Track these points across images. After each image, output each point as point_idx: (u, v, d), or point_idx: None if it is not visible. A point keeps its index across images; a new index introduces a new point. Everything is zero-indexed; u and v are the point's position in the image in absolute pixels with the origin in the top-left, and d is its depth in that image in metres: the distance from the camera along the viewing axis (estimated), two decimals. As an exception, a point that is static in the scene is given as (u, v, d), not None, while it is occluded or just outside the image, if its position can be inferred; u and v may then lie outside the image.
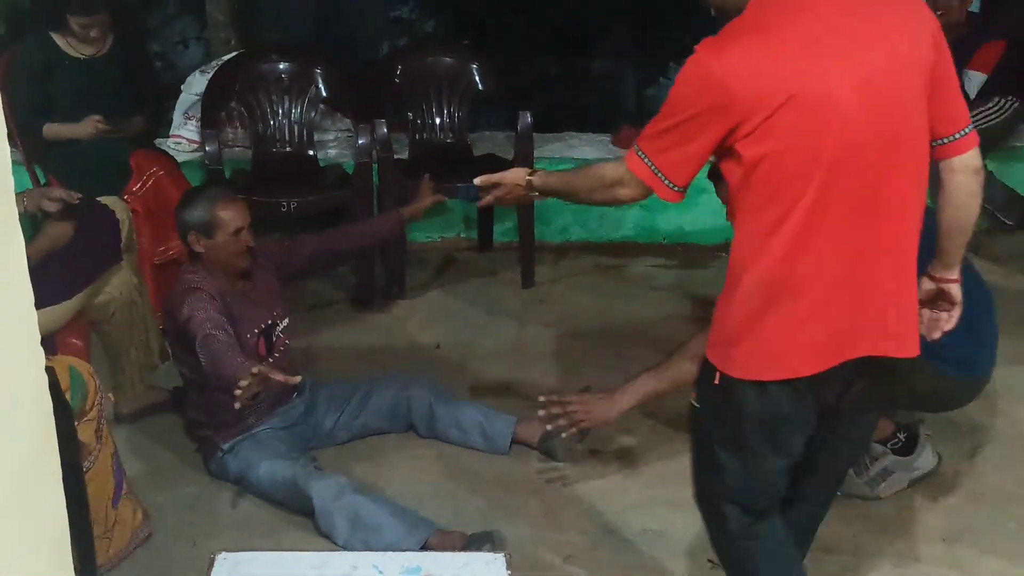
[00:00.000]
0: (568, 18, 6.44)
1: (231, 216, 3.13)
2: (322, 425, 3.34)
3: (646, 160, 2.06)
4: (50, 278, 2.87)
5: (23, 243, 1.30)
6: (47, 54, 3.98)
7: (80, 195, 3.16)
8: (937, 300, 2.24)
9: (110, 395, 3.40)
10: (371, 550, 2.78)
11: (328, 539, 2.91)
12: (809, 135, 1.94)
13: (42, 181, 4.07)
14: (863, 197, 1.99)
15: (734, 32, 1.99)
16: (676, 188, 2.07)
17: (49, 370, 2.32)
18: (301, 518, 3.01)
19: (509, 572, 1.91)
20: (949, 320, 2.25)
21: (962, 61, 4.57)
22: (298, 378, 2.77)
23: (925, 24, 2.04)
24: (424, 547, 2.79)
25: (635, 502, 3.10)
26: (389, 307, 4.32)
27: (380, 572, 1.86)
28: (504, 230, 4.76)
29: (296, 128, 4.57)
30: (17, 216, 1.28)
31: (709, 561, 2.79)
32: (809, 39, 1.95)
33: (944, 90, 2.06)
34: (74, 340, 3.16)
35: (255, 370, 2.67)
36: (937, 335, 2.26)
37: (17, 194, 2.86)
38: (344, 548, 2.85)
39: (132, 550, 2.85)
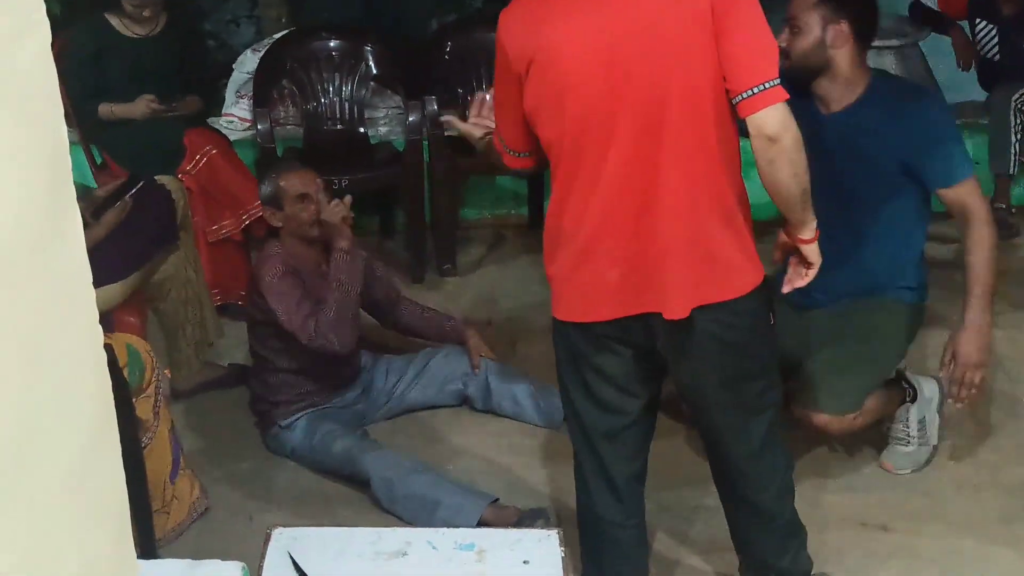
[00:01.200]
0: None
1: (293, 183, 3.19)
2: (378, 401, 3.37)
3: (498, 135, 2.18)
4: (107, 257, 2.91)
5: (81, 223, 1.31)
6: (101, 35, 4.01)
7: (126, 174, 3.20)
8: (795, 254, 2.19)
9: (167, 372, 3.45)
10: (426, 523, 2.81)
11: (383, 512, 2.93)
12: (552, 92, 1.98)
13: (98, 160, 4.13)
14: (636, 152, 1.98)
15: None
16: (517, 153, 2.16)
17: (107, 348, 2.36)
18: (356, 493, 3.03)
19: (563, 548, 1.91)
20: (802, 278, 2.20)
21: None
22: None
23: None
24: (479, 522, 2.81)
25: (689, 478, 3.08)
26: (441, 284, 4.33)
27: (434, 548, 1.87)
28: (555, 206, 4.74)
29: (347, 106, 4.58)
30: (75, 195, 1.29)
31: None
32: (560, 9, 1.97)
33: (727, 42, 1.92)
34: (131, 318, 3.20)
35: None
36: (786, 289, 2.23)
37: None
38: (399, 520, 2.88)
39: (189, 524, 2.89)
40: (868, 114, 2.82)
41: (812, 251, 2.15)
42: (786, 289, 2.23)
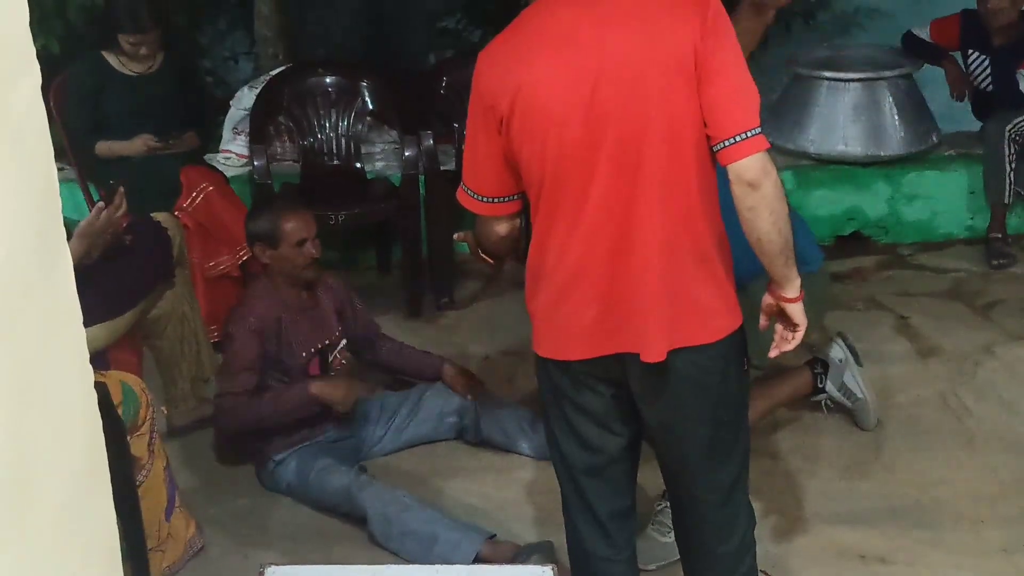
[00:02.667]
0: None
1: (295, 227, 3.16)
2: (372, 436, 3.36)
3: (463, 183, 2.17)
4: (102, 294, 2.91)
5: (71, 262, 1.32)
6: (99, 73, 4.04)
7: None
8: (779, 316, 2.14)
9: (163, 408, 3.44)
10: (423, 560, 2.80)
11: (381, 548, 2.91)
12: (534, 131, 1.97)
13: (95, 198, 4.13)
14: (614, 193, 1.97)
15: (507, 28, 2.06)
16: (481, 198, 2.13)
17: (101, 385, 2.36)
18: (353, 529, 3.02)
19: (558, 585, 1.90)
20: (788, 342, 2.16)
21: (1016, 61, 4.50)
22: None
23: (689, 13, 1.91)
24: (476, 557, 2.79)
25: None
26: (438, 319, 4.33)
27: (429, 586, 1.85)
28: (552, 239, 4.74)
29: (343, 141, 4.59)
30: (65, 235, 1.30)
31: (763, 572, 2.76)
32: (539, 34, 1.97)
33: (709, 88, 1.90)
34: (127, 355, 3.19)
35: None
36: (774, 354, 2.19)
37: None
38: (396, 557, 2.86)
39: (185, 563, 2.87)
40: None
41: (797, 311, 2.10)
42: (773, 354, 2.20)
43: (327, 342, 3.27)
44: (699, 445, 2.20)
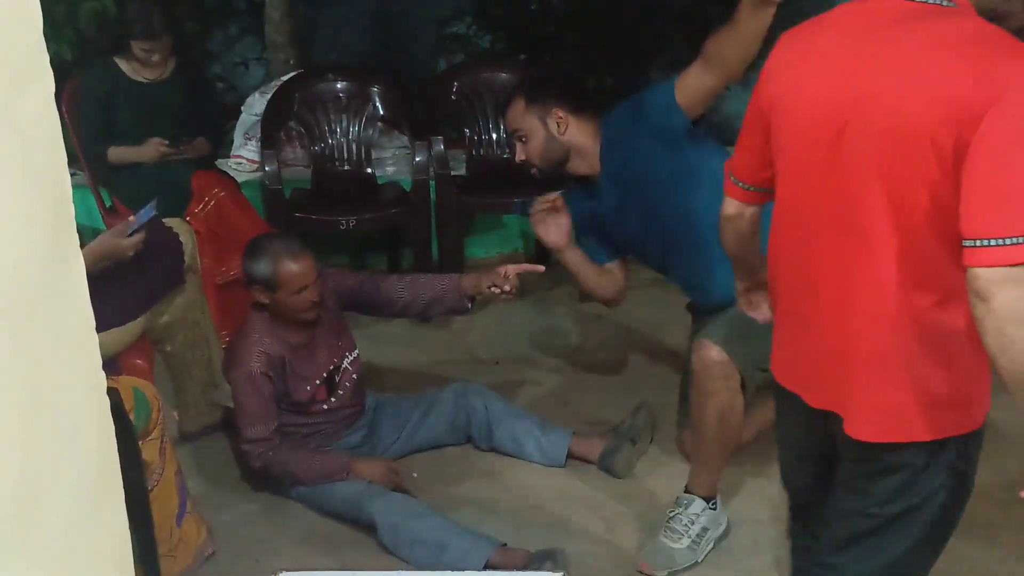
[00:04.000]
0: (625, 31, 6.42)
1: (294, 274, 3.05)
2: (385, 442, 3.36)
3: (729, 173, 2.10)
4: (114, 300, 2.91)
5: (84, 267, 1.32)
6: (111, 79, 4.05)
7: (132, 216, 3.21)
8: None
9: (174, 414, 3.44)
10: (433, 567, 2.80)
11: (391, 555, 2.91)
12: (783, 142, 1.89)
13: (107, 203, 4.15)
14: (837, 239, 1.81)
15: (815, 17, 1.91)
16: (742, 184, 2.06)
17: (113, 391, 2.36)
18: (363, 535, 3.02)
19: (569, 591, 1.90)
20: None
21: None
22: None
23: (995, 75, 1.61)
24: (487, 565, 2.79)
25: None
26: (449, 323, 4.33)
27: (440, 592, 1.85)
28: (562, 245, 4.74)
29: (354, 146, 4.60)
30: (78, 242, 1.30)
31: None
32: (821, 51, 1.83)
33: (974, 169, 1.60)
34: (138, 360, 3.20)
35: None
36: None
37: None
38: (406, 564, 2.87)
39: (196, 568, 2.87)
40: (615, 153, 3.08)
41: None
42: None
43: (335, 363, 3.25)
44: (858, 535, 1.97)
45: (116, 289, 2.96)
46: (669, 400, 3.65)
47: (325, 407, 3.23)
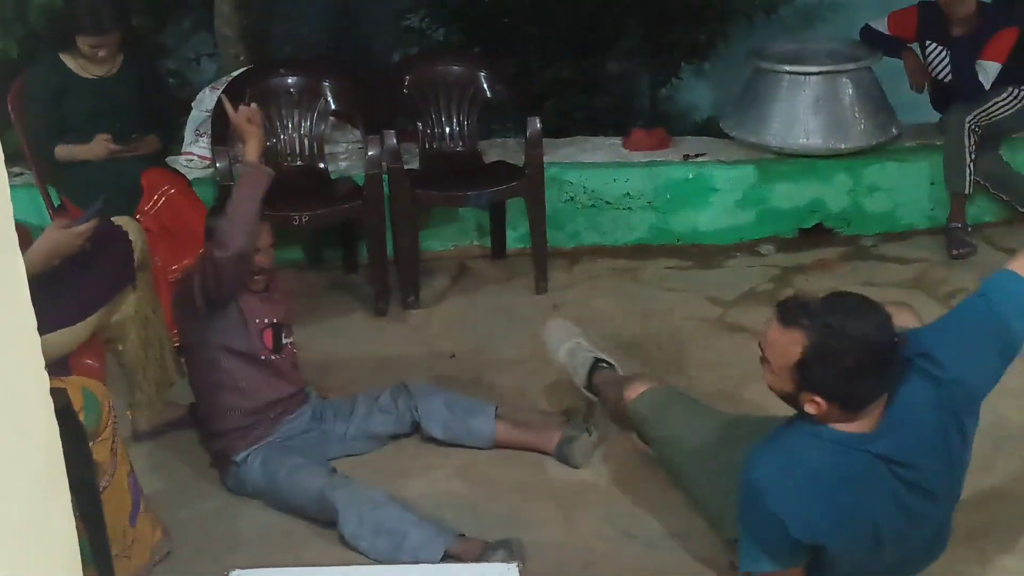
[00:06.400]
0: (581, 22, 6.43)
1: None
2: (334, 432, 3.35)
3: None
4: (64, 300, 2.89)
5: (23, 268, 1.31)
6: (58, 76, 4.00)
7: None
8: None
9: (128, 413, 3.42)
10: (392, 557, 2.83)
11: (350, 548, 2.92)
12: None
13: (55, 202, 4.10)
14: None
15: None
16: None
17: (61, 392, 2.34)
18: (322, 530, 3.02)
19: (524, 581, 1.91)
20: None
21: (974, 52, 4.55)
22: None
23: None
24: (445, 555, 2.81)
25: (655, 506, 3.09)
26: (405, 317, 4.32)
27: (394, 585, 1.86)
28: (517, 236, 4.76)
29: (306, 141, 4.58)
30: (17, 242, 1.29)
31: (731, 564, 2.78)
32: None
33: None
34: (89, 360, 3.18)
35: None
36: None
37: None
38: (366, 555, 2.88)
39: (152, 568, 2.86)
40: None
41: None
42: None
43: (278, 320, 3.30)
44: None
45: (66, 289, 2.94)
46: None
47: (273, 358, 3.25)
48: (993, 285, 2.41)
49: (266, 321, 3.25)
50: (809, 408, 2.29)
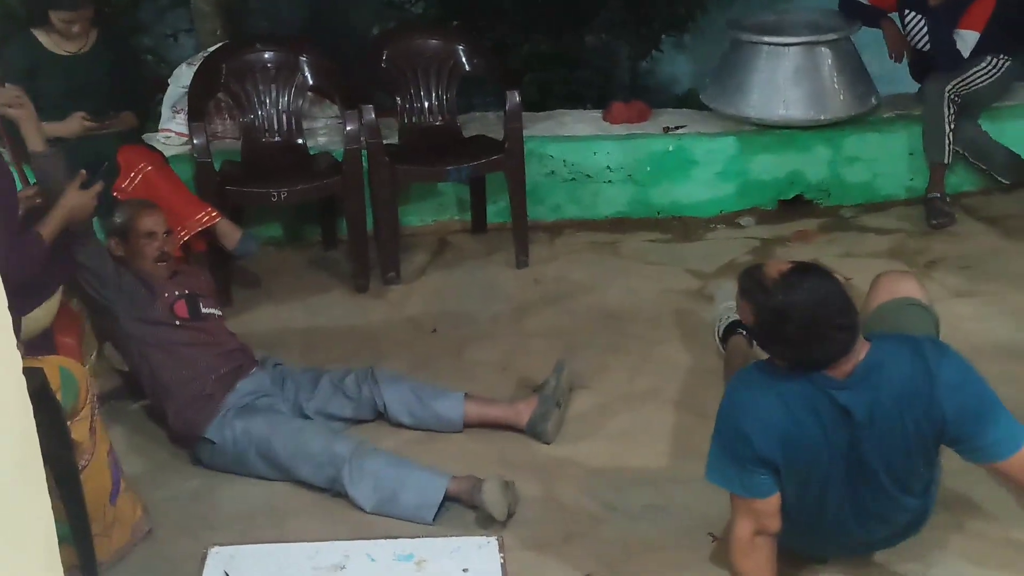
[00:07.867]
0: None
1: (143, 220, 3.36)
2: (298, 400, 3.35)
3: None
4: (32, 280, 2.86)
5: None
6: (30, 52, 3.96)
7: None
8: None
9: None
10: (391, 500, 2.93)
11: (347, 499, 2.99)
12: None
13: (31, 180, 4.06)
14: None
15: None
16: None
17: (38, 371, 2.33)
18: (306, 504, 3.02)
19: (502, 555, 1.92)
20: None
21: (953, 21, 4.55)
22: None
23: None
24: (446, 495, 2.94)
25: (634, 479, 3.10)
26: (385, 293, 4.32)
27: (372, 560, 1.86)
28: (497, 211, 4.75)
29: (284, 117, 4.55)
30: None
31: (710, 535, 2.80)
32: None
33: None
34: (66, 339, 3.16)
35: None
36: None
37: None
38: (364, 506, 2.97)
39: (133, 546, 2.85)
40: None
41: None
42: None
43: (187, 292, 3.37)
44: None
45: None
46: (610, 359, 3.69)
47: (193, 323, 3.32)
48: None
49: (176, 293, 3.34)
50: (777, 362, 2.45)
